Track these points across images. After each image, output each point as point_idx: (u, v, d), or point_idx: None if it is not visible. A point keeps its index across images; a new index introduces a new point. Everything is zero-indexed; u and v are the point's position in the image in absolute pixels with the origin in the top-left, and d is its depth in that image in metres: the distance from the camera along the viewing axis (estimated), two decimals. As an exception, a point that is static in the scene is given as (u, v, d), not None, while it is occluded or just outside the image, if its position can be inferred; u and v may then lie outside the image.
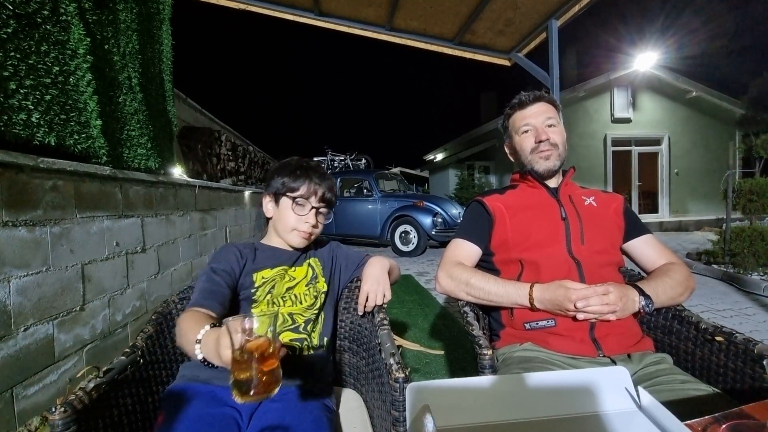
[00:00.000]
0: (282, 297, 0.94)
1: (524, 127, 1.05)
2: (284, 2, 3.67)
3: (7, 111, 1.32)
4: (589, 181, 8.70)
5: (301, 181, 0.96)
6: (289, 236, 0.97)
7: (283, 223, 0.97)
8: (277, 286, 0.94)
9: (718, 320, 2.52)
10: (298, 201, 0.95)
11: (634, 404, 0.52)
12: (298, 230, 0.95)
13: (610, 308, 0.80)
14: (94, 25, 1.87)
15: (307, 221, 0.95)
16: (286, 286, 0.95)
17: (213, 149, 4.76)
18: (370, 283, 0.98)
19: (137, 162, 2.30)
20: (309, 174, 0.97)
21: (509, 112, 1.10)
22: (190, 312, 0.75)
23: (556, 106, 1.07)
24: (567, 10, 3.21)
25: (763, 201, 4.06)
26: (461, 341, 2.25)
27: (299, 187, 0.95)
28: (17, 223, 1.34)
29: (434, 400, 0.50)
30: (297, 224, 0.95)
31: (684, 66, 10.52)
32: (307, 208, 0.96)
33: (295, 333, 0.91)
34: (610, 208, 1.04)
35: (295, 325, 0.92)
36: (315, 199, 0.96)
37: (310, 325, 0.94)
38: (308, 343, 0.93)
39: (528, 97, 1.05)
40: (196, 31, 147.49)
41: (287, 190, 0.96)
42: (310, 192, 0.96)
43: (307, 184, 0.95)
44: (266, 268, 0.95)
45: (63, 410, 0.55)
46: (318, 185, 0.96)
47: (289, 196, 0.96)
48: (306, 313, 0.95)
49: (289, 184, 0.96)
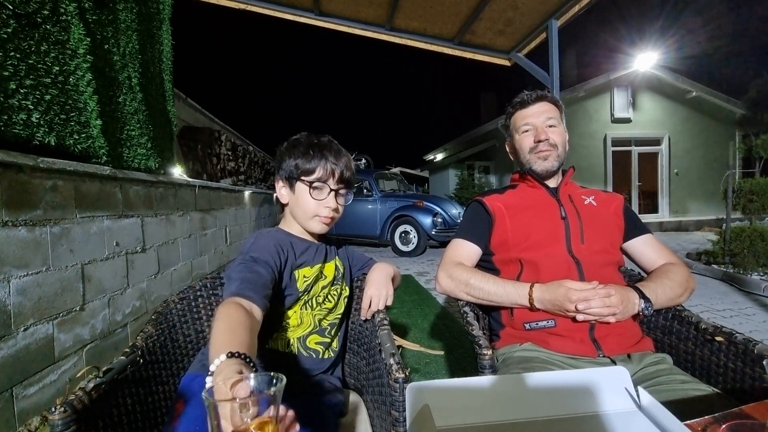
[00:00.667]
0: (316, 298, 0.91)
1: (524, 127, 1.04)
2: (284, 2, 3.67)
3: (7, 111, 1.32)
4: (589, 181, 8.70)
5: (315, 162, 0.87)
6: (310, 223, 0.90)
7: (302, 210, 0.90)
8: (315, 285, 0.90)
9: (718, 320, 2.52)
10: (315, 185, 0.87)
11: (633, 404, 0.52)
12: (319, 216, 0.89)
13: (611, 310, 0.80)
14: (94, 25, 1.87)
15: (327, 205, 0.88)
16: (321, 285, 0.92)
17: (213, 149, 4.76)
18: (375, 287, 0.95)
19: (137, 162, 2.30)
20: (324, 153, 0.88)
21: (511, 111, 1.10)
22: (230, 306, 0.64)
23: (559, 106, 1.06)
24: (567, 10, 3.21)
25: (763, 201, 4.06)
26: (461, 341, 2.25)
27: (314, 168, 0.87)
28: (17, 223, 1.34)
29: (434, 400, 0.50)
30: (317, 209, 0.88)
31: (684, 66, 10.55)
32: (326, 191, 0.88)
33: (320, 336, 0.90)
34: (610, 207, 1.04)
35: (321, 329, 0.91)
36: (333, 180, 0.89)
37: (334, 329, 0.94)
38: (329, 349, 0.92)
39: (530, 96, 1.05)
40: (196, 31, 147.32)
41: (302, 173, 0.88)
42: (327, 173, 0.87)
43: (323, 164, 0.87)
44: (307, 266, 0.90)
45: (63, 410, 0.55)
46: (335, 164, 0.88)
47: (304, 181, 0.88)
48: (330, 316, 0.94)
49: (303, 166, 0.87)
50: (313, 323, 0.90)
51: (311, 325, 0.90)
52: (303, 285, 0.88)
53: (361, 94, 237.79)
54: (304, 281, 0.88)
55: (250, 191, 5.21)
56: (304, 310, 0.89)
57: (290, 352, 0.87)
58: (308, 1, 3.62)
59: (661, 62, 9.14)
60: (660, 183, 9.91)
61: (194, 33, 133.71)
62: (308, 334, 0.89)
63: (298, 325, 0.88)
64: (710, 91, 9.78)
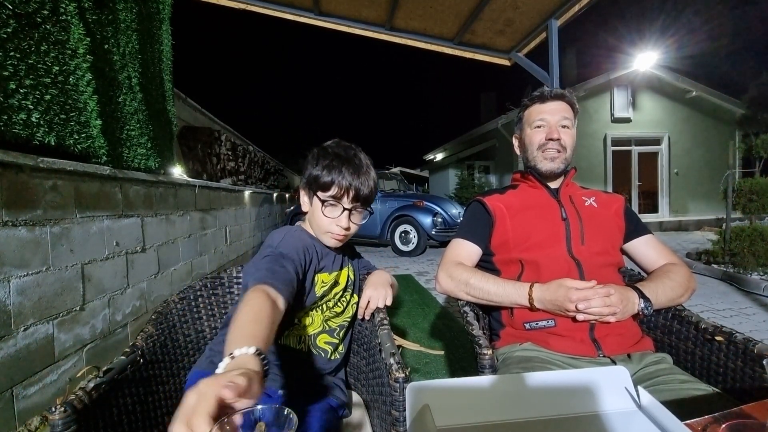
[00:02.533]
0: (328, 302, 0.92)
1: (538, 122, 1.03)
2: (284, 2, 3.67)
3: (6, 111, 1.32)
4: (589, 180, 8.70)
5: (332, 177, 0.84)
6: (322, 237, 0.89)
7: (316, 224, 0.88)
8: (330, 291, 0.91)
9: (717, 320, 2.52)
10: (329, 203, 0.85)
11: (633, 404, 0.52)
12: (331, 233, 0.87)
13: (611, 310, 0.80)
14: (94, 25, 1.87)
15: (339, 224, 0.85)
16: (335, 291, 0.93)
17: (213, 149, 4.76)
18: (373, 288, 0.95)
19: (137, 162, 2.30)
20: (343, 169, 0.84)
21: (527, 104, 1.08)
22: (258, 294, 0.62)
23: (575, 108, 1.05)
24: (567, 10, 3.21)
25: (763, 201, 4.06)
26: (461, 341, 2.25)
27: (330, 185, 0.84)
28: (17, 223, 1.34)
29: (434, 400, 0.50)
30: (329, 227, 0.86)
31: (684, 66, 10.51)
32: (339, 210, 0.85)
33: (329, 336, 0.91)
34: (611, 208, 1.03)
35: (330, 329, 0.92)
36: (348, 199, 0.85)
37: (343, 331, 0.95)
38: (337, 350, 0.94)
39: (550, 92, 1.03)
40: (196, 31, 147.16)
41: (318, 188, 0.85)
42: (342, 191, 0.84)
43: (339, 181, 0.84)
44: (326, 271, 0.89)
45: (63, 410, 0.55)
46: (351, 182, 0.84)
47: (319, 197, 0.85)
48: (338, 319, 0.94)
49: (321, 180, 0.84)
50: (322, 324, 0.91)
51: (320, 326, 0.91)
52: (321, 290, 0.88)
53: (361, 93, 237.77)
54: (322, 286, 0.88)
55: (250, 191, 5.21)
56: (316, 312, 0.91)
57: (301, 349, 0.88)
58: (308, 1, 3.62)
59: (661, 62, 9.13)
60: (660, 183, 9.90)
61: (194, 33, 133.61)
62: (318, 334, 0.90)
63: (309, 324, 0.90)
64: (710, 90, 9.78)
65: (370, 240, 6.44)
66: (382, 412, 0.75)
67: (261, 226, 5.67)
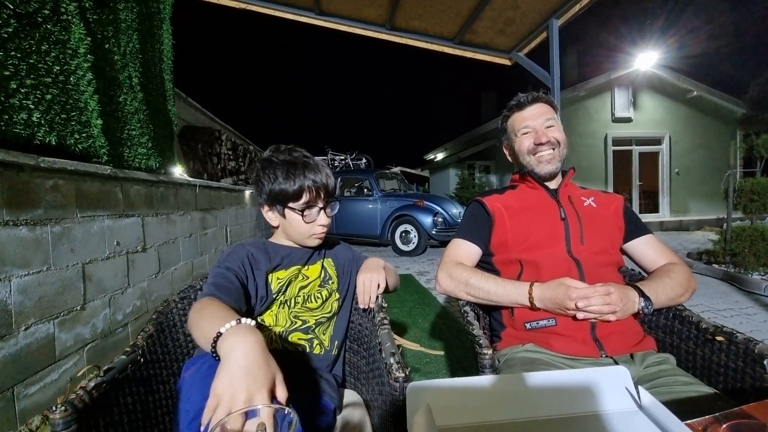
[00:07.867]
0: (295, 298, 0.92)
1: (523, 129, 1.04)
2: (284, 2, 3.67)
3: (7, 110, 1.32)
4: (589, 180, 8.70)
5: (299, 184, 0.88)
6: (307, 242, 0.94)
7: (297, 233, 0.92)
8: (290, 286, 0.92)
9: (718, 320, 2.51)
10: (306, 210, 0.89)
11: (634, 404, 0.52)
12: (314, 234, 0.92)
13: (611, 308, 0.80)
14: (95, 25, 1.87)
15: (320, 223, 0.92)
16: (299, 285, 0.94)
17: (213, 149, 4.76)
18: (366, 272, 0.98)
19: (138, 161, 2.30)
20: (306, 173, 0.88)
21: (507, 114, 1.10)
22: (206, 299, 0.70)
23: (554, 106, 1.07)
24: (567, 10, 3.21)
25: (764, 200, 4.05)
26: (461, 341, 2.25)
27: (300, 193, 0.88)
28: (18, 223, 1.34)
29: (434, 400, 0.50)
30: (311, 230, 0.91)
31: (685, 65, 10.50)
32: (315, 211, 0.90)
33: (304, 333, 0.91)
34: (610, 208, 1.03)
35: (306, 326, 0.92)
36: (321, 199, 0.91)
37: (320, 327, 0.94)
38: (317, 345, 0.93)
39: (526, 98, 1.05)
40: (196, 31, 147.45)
41: (287, 200, 0.89)
42: (314, 195, 0.89)
43: (307, 187, 0.88)
44: (281, 269, 0.92)
45: (64, 409, 0.55)
46: (315, 181, 0.89)
47: (294, 209, 0.89)
48: (316, 314, 0.94)
49: (288, 191, 0.88)
50: (289, 321, 0.91)
51: (287, 322, 0.90)
52: (277, 287, 0.90)
53: (362, 93, 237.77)
54: (278, 283, 0.91)
55: (251, 191, 5.21)
56: (281, 309, 0.91)
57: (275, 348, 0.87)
58: (308, 1, 3.62)
59: (661, 61, 9.13)
60: (661, 182, 9.90)
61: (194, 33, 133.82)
62: (289, 331, 0.90)
63: (273, 324, 0.90)
64: (711, 90, 9.76)
65: (371, 239, 6.44)
66: (382, 411, 0.75)
67: (261, 226, 5.67)
